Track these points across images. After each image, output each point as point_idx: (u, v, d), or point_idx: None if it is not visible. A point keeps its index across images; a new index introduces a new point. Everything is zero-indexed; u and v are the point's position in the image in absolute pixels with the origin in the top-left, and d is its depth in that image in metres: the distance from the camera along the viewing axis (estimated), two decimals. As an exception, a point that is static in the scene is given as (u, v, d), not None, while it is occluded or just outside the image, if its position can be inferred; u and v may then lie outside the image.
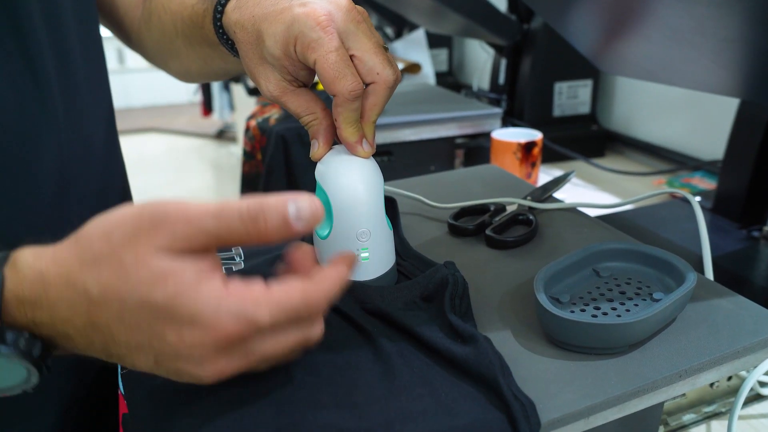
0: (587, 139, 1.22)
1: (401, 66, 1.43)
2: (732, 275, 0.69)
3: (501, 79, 1.30)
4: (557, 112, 1.23)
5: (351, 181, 0.41)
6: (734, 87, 0.65)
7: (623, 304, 0.40)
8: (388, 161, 0.99)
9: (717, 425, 0.52)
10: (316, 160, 0.44)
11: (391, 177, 0.64)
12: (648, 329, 0.38)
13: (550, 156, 1.16)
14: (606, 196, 1.02)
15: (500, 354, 0.35)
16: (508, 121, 1.22)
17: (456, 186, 0.65)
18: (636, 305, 0.40)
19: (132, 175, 0.66)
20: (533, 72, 1.20)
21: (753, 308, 0.42)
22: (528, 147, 0.91)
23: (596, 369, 0.36)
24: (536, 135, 0.93)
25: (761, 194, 0.79)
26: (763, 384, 0.53)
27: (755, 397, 0.54)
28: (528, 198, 0.59)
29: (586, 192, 1.04)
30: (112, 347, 0.30)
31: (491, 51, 1.36)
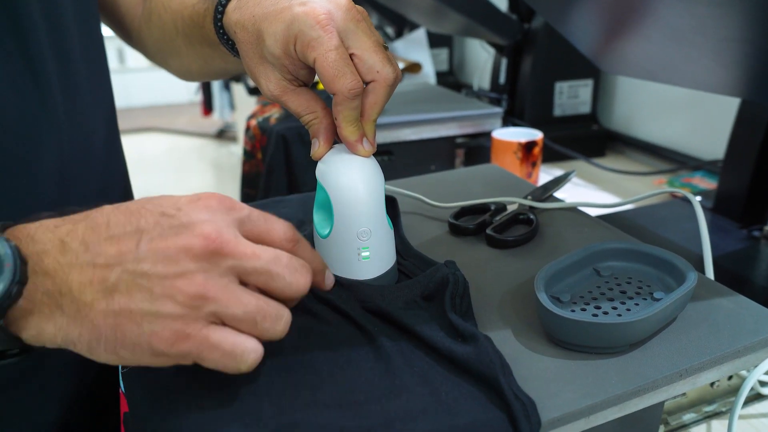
0: (588, 139, 1.22)
1: (402, 65, 1.43)
2: (732, 275, 0.69)
3: (501, 79, 1.30)
4: (558, 112, 1.23)
5: (351, 180, 0.41)
6: (735, 86, 0.65)
7: (624, 304, 0.40)
8: (389, 161, 0.99)
9: (717, 425, 0.52)
10: (317, 159, 0.44)
11: (392, 176, 0.64)
12: (648, 328, 0.38)
13: (551, 156, 1.16)
14: (606, 196, 1.02)
15: (501, 353, 0.35)
16: (509, 121, 1.22)
17: (456, 185, 0.65)
18: (636, 305, 0.40)
19: (132, 175, 0.66)
20: (534, 71, 1.20)
21: (753, 308, 0.42)
22: (528, 146, 0.91)
23: (597, 368, 0.36)
24: (537, 135, 0.93)
25: (762, 194, 0.79)
26: (764, 383, 0.53)
27: (756, 397, 0.54)
28: (528, 197, 0.59)
29: (587, 192, 1.04)
30: (98, 243, 0.31)
31: (492, 50, 1.36)
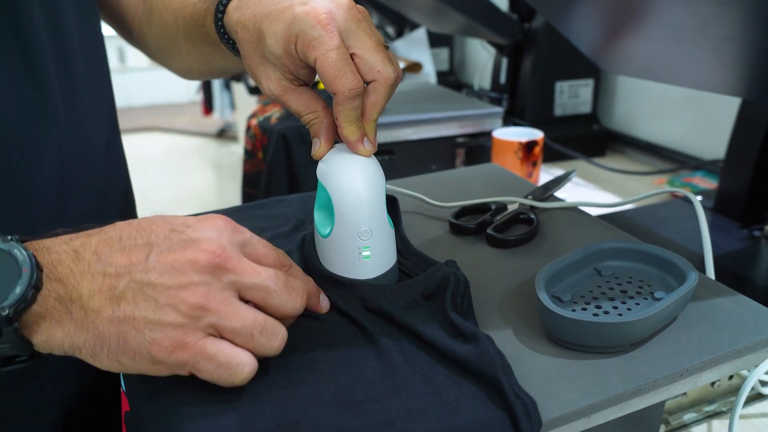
0: (588, 139, 1.22)
1: (402, 65, 1.43)
2: (733, 274, 0.69)
3: (502, 79, 1.30)
4: (558, 112, 1.23)
5: (352, 180, 0.41)
6: (735, 86, 0.65)
7: (624, 303, 0.40)
8: (390, 160, 0.99)
9: (718, 424, 0.52)
10: (318, 159, 0.44)
11: (393, 176, 0.64)
12: (649, 328, 0.38)
13: (551, 155, 1.16)
14: (607, 196, 1.02)
15: (502, 352, 0.35)
16: (509, 121, 1.22)
17: (457, 185, 0.65)
18: (637, 304, 0.40)
19: (132, 175, 0.66)
20: (534, 71, 1.20)
21: (754, 307, 0.42)
22: (529, 146, 0.91)
23: (597, 368, 0.36)
24: (537, 134, 0.93)
25: (762, 194, 0.79)
26: (764, 383, 0.53)
27: (756, 396, 0.54)
28: (529, 197, 0.59)
29: (587, 191, 1.04)
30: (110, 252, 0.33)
31: (492, 50, 1.36)
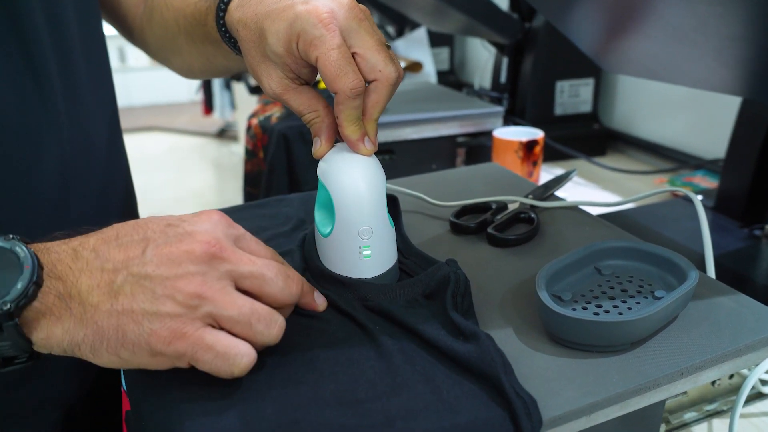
0: (589, 138, 1.22)
1: (403, 64, 1.43)
2: (734, 274, 0.69)
3: (502, 78, 1.30)
4: (559, 111, 1.23)
5: (353, 179, 0.41)
6: (736, 85, 0.65)
7: (625, 302, 0.40)
8: (390, 160, 0.99)
9: (718, 423, 0.52)
10: (318, 158, 0.44)
11: (393, 175, 0.64)
12: (650, 327, 0.38)
13: (552, 155, 1.16)
14: (607, 195, 1.02)
15: (502, 351, 0.35)
16: (510, 120, 1.22)
17: (457, 184, 0.65)
18: (638, 303, 0.40)
19: (133, 174, 0.66)
20: (535, 70, 1.20)
21: (755, 306, 0.42)
22: (529, 145, 0.91)
23: (598, 367, 0.36)
24: (538, 133, 0.93)
25: (763, 193, 0.79)
26: (765, 382, 0.53)
27: (757, 396, 0.54)
28: (529, 196, 0.59)
29: (588, 190, 1.04)
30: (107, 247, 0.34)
31: (493, 49, 1.36)
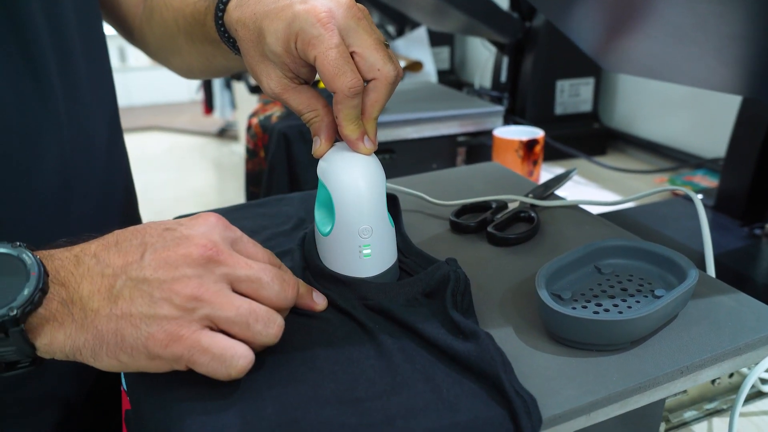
0: (589, 137, 1.22)
1: (403, 64, 1.43)
2: (734, 273, 0.69)
3: (503, 77, 1.30)
4: (559, 110, 1.23)
5: (353, 178, 0.41)
6: (736, 84, 0.65)
7: (625, 301, 0.40)
8: (390, 159, 0.99)
9: (718, 422, 0.52)
10: (318, 158, 0.44)
11: (393, 175, 0.64)
12: (649, 326, 0.38)
13: (552, 154, 1.16)
14: (608, 194, 1.02)
15: (502, 350, 0.35)
16: (510, 119, 1.22)
17: (458, 183, 0.66)
18: (638, 302, 0.40)
19: (134, 174, 0.66)
20: (535, 70, 1.20)
21: (755, 305, 0.42)
22: (530, 145, 0.91)
23: (598, 365, 0.36)
24: (538, 133, 0.93)
25: (763, 192, 0.79)
26: (765, 381, 0.53)
27: (757, 394, 0.54)
28: (530, 195, 0.59)
29: (588, 190, 1.04)
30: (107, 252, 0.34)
31: (493, 49, 1.36)
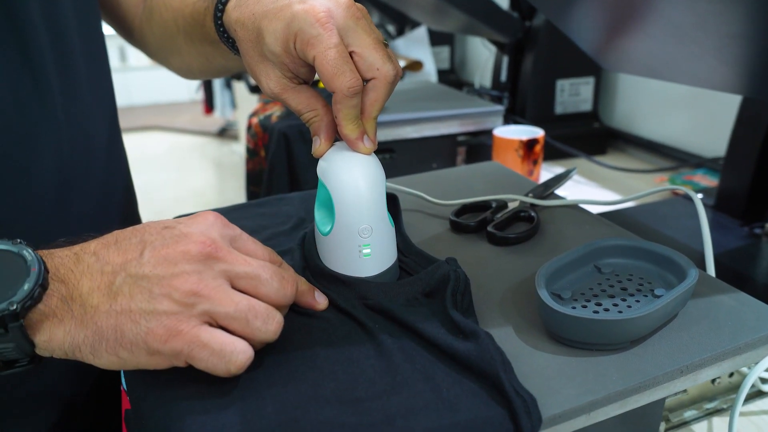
0: (589, 137, 1.22)
1: (403, 63, 1.43)
2: (734, 272, 0.69)
3: (503, 77, 1.30)
4: (559, 110, 1.22)
5: (353, 178, 0.41)
6: (736, 84, 0.65)
7: (624, 300, 0.40)
8: (390, 159, 0.99)
9: (718, 422, 0.52)
10: (318, 157, 0.44)
11: (393, 174, 0.64)
12: (649, 325, 0.38)
13: (552, 153, 1.16)
14: (608, 193, 1.02)
15: (502, 350, 0.35)
16: (510, 119, 1.22)
17: (458, 183, 0.66)
18: (637, 301, 0.40)
19: (134, 174, 0.66)
20: (535, 69, 1.20)
21: (754, 305, 0.42)
22: (530, 144, 0.91)
23: (597, 365, 0.36)
24: (538, 132, 0.93)
25: (763, 191, 0.79)
26: (765, 380, 0.53)
27: (757, 394, 0.54)
28: (530, 195, 0.59)
29: (588, 189, 1.04)
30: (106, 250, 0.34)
31: (493, 48, 1.36)
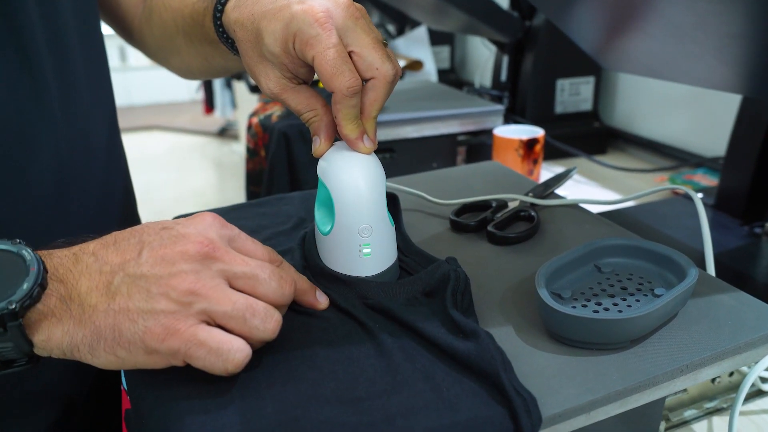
0: (589, 136, 1.22)
1: (403, 63, 1.43)
2: (734, 271, 0.69)
3: (503, 76, 1.29)
4: (559, 109, 1.22)
5: (353, 178, 0.41)
6: (736, 83, 0.65)
7: (624, 300, 0.40)
8: (390, 158, 0.99)
9: (718, 421, 0.52)
10: (318, 157, 0.44)
11: (393, 174, 0.64)
12: (649, 324, 0.38)
13: (552, 153, 1.16)
14: (608, 193, 1.02)
15: (502, 349, 0.35)
16: (510, 118, 1.22)
17: (458, 183, 0.66)
18: (637, 301, 0.40)
19: (133, 174, 0.66)
20: (535, 69, 1.20)
21: (754, 304, 0.42)
22: (530, 144, 0.91)
23: (597, 364, 0.36)
24: (538, 132, 0.93)
25: (763, 191, 0.79)
26: (765, 380, 0.53)
27: (756, 393, 0.54)
28: (530, 194, 0.59)
29: (588, 189, 1.04)
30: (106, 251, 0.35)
31: (493, 48, 1.36)
